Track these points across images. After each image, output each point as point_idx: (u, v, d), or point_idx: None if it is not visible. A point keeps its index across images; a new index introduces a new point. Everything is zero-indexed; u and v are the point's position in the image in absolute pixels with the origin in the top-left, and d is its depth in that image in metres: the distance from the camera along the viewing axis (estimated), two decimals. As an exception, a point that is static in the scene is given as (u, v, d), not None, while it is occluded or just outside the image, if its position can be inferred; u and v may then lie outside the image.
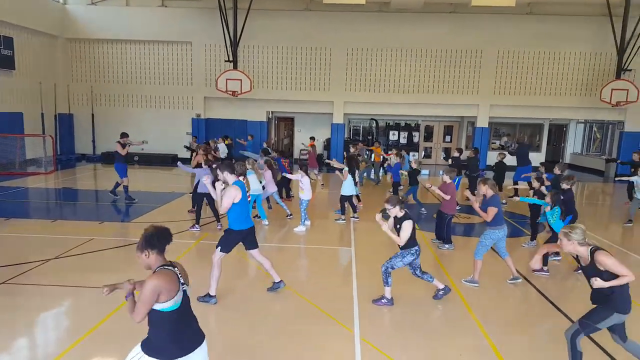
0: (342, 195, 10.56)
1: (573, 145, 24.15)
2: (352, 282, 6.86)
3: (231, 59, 19.20)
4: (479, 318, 5.74)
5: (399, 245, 5.87)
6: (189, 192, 13.18)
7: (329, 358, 4.72)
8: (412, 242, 5.84)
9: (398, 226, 5.82)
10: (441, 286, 6.19)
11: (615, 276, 3.91)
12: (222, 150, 17.01)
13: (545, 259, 7.45)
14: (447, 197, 8.49)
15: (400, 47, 20.00)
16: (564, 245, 4.11)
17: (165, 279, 3.04)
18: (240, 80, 18.85)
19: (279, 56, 20.38)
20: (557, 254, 8.08)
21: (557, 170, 9.37)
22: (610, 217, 12.74)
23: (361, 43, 20.06)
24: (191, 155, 17.27)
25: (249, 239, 6.02)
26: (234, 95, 19.03)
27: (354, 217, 10.80)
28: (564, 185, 7.76)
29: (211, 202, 9.66)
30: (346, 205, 10.69)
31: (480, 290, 6.69)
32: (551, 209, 7.23)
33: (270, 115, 22.40)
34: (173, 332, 3.10)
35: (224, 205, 5.69)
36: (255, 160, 10.96)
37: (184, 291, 3.16)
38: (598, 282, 3.96)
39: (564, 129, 23.91)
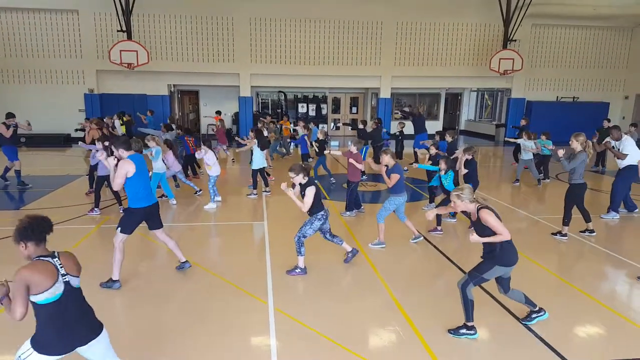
0: (252, 169, 10.48)
1: (467, 112, 25.94)
2: (266, 255, 6.89)
3: (124, 28, 17.92)
4: (385, 278, 6.07)
5: (308, 213, 6.01)
6: (85, 174, 12.35)
7: (242, 331, 4.74)
8: (317, 207, 5.99)
9: (303, 193, 5.96)
10: (349, 249, 6.47)
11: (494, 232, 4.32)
12: (119, 128, 15.96)
13: (438, 218, 8.05)
14: (360, 166, 8.83)
15: (303, 17, 19.87)
16: (457, 206, 4.46)
17: (35, 270, 2.86)
18: (136, 51, 17.72)
19: (178, 25, 19.33)
20: (453, 215, 8.74)
21: (448, 138, 10.06)
22: (500, 178, 13.96)
23: (264, 13, 19.63)
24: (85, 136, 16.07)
25: (152, 218, 5.72)
26: (130, 67, 17.87)
27: (265, 191, 10.78)
28: (467, 156, 8.31)
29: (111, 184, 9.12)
30: (258, 179, 10.64)
31: (386, 252, 7.07)
32: (445, 173, 7.86)
33: (172, 89, 21.38)
34: (56, 325, 2.94)
35: (115, 182, 5.35)
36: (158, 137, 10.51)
37: (67, 282, 2.96)
38: (473, 237, 4.39)
39: (459, 97, 25.56)
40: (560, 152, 7.49)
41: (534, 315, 4.84)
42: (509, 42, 19.98)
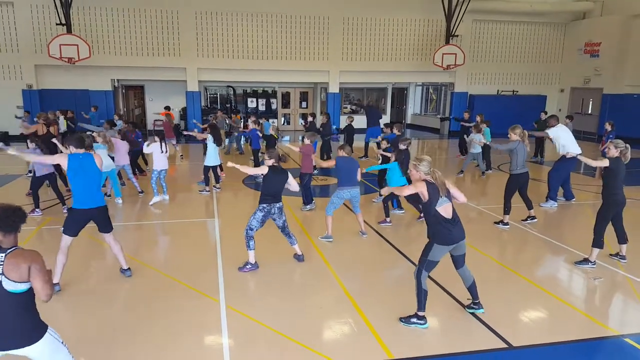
0: (205, 165, 10.35)
1: (413, 106, 26.60)
2: (217, 252, 6.88)
3: (64, 22, 17.11)
4: (336, 271, 6.23)
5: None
6: (25, 174, 11.80)
7: (194, 331, 4.73)
8: (263, 198, 6.06)
9: None
10: (299, 252, 6.51)
11: (428, 204, 4.55)
12: (62, 125, 15.29)
13: (386, 210, 8.30)
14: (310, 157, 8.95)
15: (250, 11, 19.65)
16: (412, 175, 4.68)
17: None
18: (77, 45, 16.98)
19: (121, 18, 18.64)
20: (400, 207, 9.01)
21: (396, 131, 10.37)
22: (445, 169, 14.43)
23: (210, 6, 19.25)
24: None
25: (99, 220, 5.56)
26: (70, 62, 17.11)
27: (216, 187, 10.68)
28: (401, 146, 8.59)
29: (53, 183, 8.76)
30: (210, 176, 10.54)
31: (337, 245, 7.22)
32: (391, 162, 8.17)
33: (116, 84, 20.64)
34: None
35: (43, 161, 5.61)
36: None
37: None
38: (383, 190, 5.13)
39: (405, 91, 26.15)
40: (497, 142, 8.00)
41: (473, 307, 5.07)
42: (451, 37, 20.62)
